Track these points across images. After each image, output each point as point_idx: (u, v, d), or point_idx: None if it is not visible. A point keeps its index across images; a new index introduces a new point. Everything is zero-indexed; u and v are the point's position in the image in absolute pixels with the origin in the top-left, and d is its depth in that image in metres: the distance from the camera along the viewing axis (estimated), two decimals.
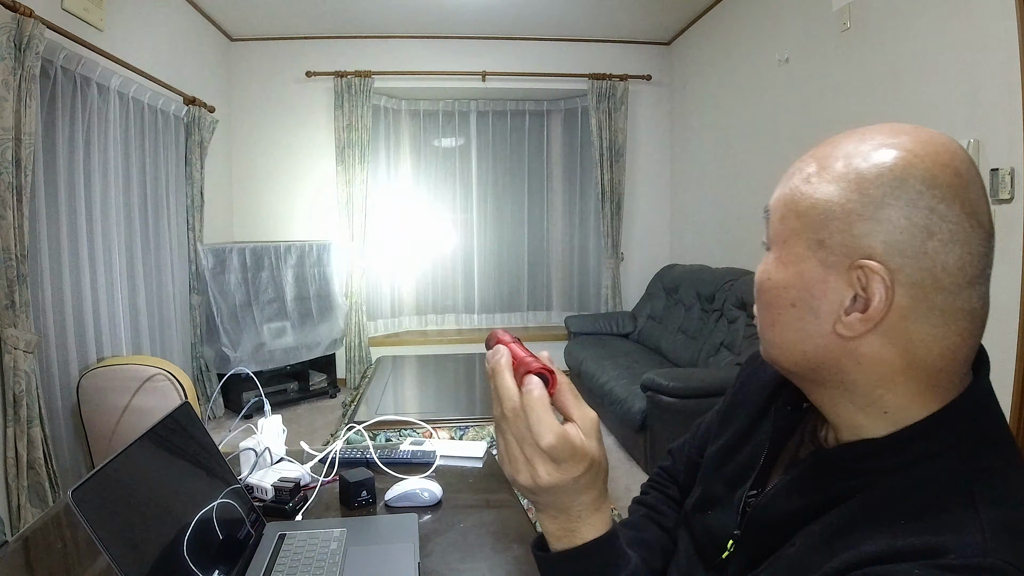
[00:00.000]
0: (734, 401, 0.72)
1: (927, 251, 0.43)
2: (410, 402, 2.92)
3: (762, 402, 0.66)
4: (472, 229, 4.88)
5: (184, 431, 0.92)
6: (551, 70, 4.46)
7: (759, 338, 0.56)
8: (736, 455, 0.65)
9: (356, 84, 4.23)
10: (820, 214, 0.47)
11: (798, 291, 0.49)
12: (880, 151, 0.47)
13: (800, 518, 0.51)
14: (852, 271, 0.46)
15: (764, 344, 0.55)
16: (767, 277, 0.52)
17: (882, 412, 0.48)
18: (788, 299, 0.50)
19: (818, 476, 0.52)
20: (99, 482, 0.69)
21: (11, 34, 2.03)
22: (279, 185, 4.43)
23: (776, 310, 0.51)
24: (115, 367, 2.40)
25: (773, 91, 3.24)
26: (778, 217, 0.52)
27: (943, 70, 2.12)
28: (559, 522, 0.51)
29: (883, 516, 0.44)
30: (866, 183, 0.45)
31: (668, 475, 0.85)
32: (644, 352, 3.79)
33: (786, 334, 0.51)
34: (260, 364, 3.67)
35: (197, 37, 3.80)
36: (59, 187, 2.41)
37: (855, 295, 0.46)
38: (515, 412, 0.48)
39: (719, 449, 0.68)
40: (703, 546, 0.64)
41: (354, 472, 1.12)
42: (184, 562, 0.75)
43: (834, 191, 0.47)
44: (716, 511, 0.63)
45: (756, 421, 0.65)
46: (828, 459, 0.52)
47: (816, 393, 0.52)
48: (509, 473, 0.50)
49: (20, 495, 2.09)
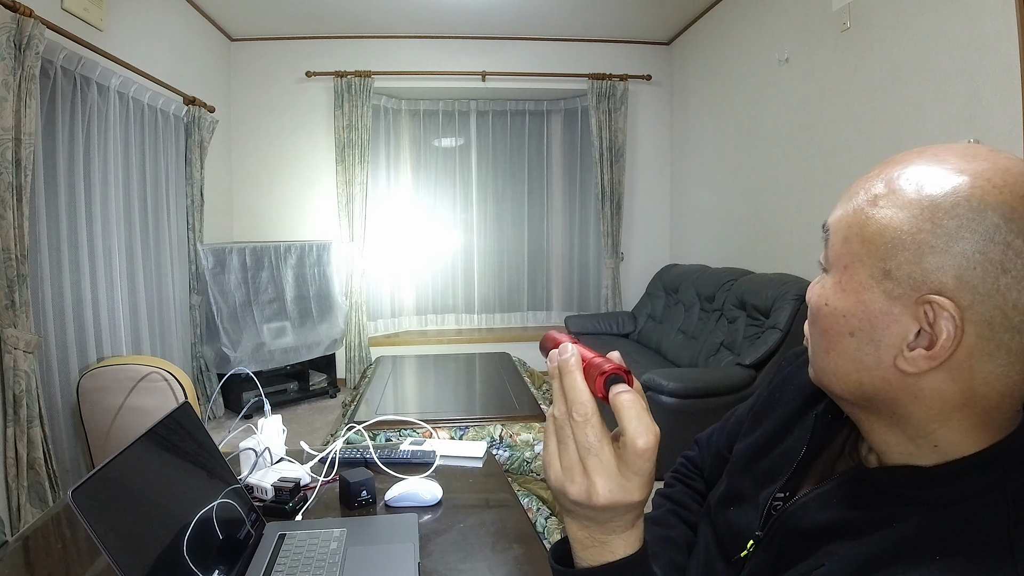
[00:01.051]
0: (770, 398, 0.70)
1: (999, 288, 0.41)
2: (410, 402, 2.91)
3: (798, 404, 0.64)
4: (472, 229, 4.88)
5: (184, 431, 0.92)
6: (551, 70, 4.46)
7: (810, 361, 0.54)
8: (766, 454, 0.64)
9: (356, 84, 4.23)
10: (888, 242, 0.44)
11: (859, 320, 0.46)
12: (956, 178, 0.43)
13: (829, 533, 0.50)
14: (919, 305, 0.43)
15: (816, 369, 0.52)
16: (825, 302, 0.49)
17: (932, 445, 0.46)
18: (847, 328, 0.47)
19: (856, 495, 0.51)
20: (99, 482, 0.69)
21: (11, 34, 2.03)
22: (279, 185, 4.43)
23: (833, 337, 0.49)
24: (115, 367, 2.40)
25: (773, 91, 3.24)
26: (840, 239, 0.48)
27: (943, 70, 2.12)
28: (590, 531, 0.48)
29: (920, 551, 0.43)
30: (940, 213, 0.42)
31: (693, 466, 0.84)
32: (644, 352, 3.79)
33: (841, 362, 0.48)
34: (260, 364, 3.67)
35: (197, 37, 3.80)
36: (59, 187, 2.41)
37: (919, 330, 0.43)
38: (585, 417, 0.45)
39: (749, 446, 0.67)
40: (723, 540, 0.64)
41: (354, 472, 1.12)
42: (184, 562, 0.75)
43: (904, 218, 0.44)
44: (740, 508, 0.63)
45: (790, 423, 0.64)
46: (870, 480, 0.50)
47: (864, 419, 0.50)
48: (558, 483, 0.47)
49: (20, 495, 2.09)
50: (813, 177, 2.93)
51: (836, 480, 0.53)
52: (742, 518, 0.61)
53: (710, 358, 3.15)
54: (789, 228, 3.15)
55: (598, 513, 0.46)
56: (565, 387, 0.47)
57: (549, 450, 0.48)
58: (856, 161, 2.60)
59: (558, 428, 0.47)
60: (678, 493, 0.81)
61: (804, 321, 0.55)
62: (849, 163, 2.65)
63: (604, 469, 0.45)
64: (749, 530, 0.59)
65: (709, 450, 0.82)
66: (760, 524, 0.58)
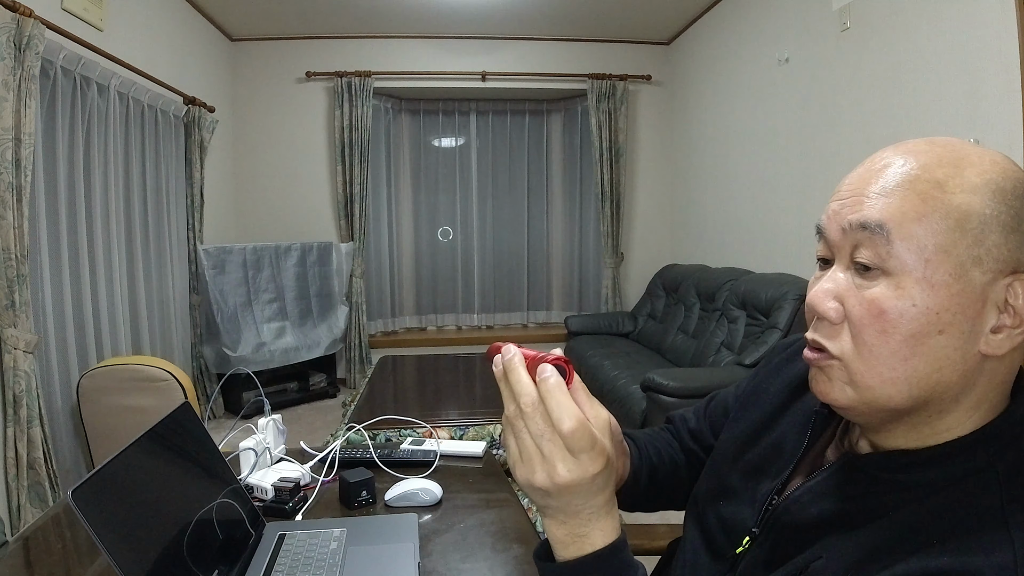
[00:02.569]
0: (755, 390, 0.70)
1: None
2: (410, 402, 2.91)
3: (784, 396, 0.64)
4: (472, 229, 4.88)
5: (184, 431, 0.92)
6: (551, 70, 4.46)
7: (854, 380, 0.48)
8: (752, 446, 0.64)
9: (356, 84, 4.23)
10: (975, 227, 0.44)
11: (953, 315, 0.44)
12: (1001, 161, 0.46)
13: (825, 525, 0.50)
14: (1006, 286, 0.44)
15: (875, 383, 0.47)
16: (910, 304, 0.44)
17: (939, 430, 0.47)
18: (939, 325, 0.44)
19: (847, 483, 0.51)
20: (99, 482, 0.69)
21: (11, 34, 2.03)
22: (279, 185, 4.43)
23: (920, 340, 0.45)
24: (115, 367, 2.40)
25: (773, 91, 3.24)
26: (908, 233, 0.45)
27: (943, 70, 2.12)
28: (568, 527, 0.50)
29: (918, 537, 0.44)
30: (1007, 195, 0.44)
31: (671, 436, 0.84)
32: (644, 352, 3.79)
33: (922, 366, 0.45)
34: (260, 364, 3.67)
35: (197, 37, 3.80)
36: (59, 187, 2.41)
37: (999, 311, 0.44)
38: (533, 406, 0.47)
39: (735, 438, 0.67)
40: (713, 536, 0.63)
41: (354, 472, 1.11)
42: (184, 562, 0.75)
43: (980, 202, 0.44)
44: (731, 503, 0.62)
45: (775, 414, 0.64)
46: (860, 467, 0.50)
47: (888, 419, 0.49)
48: (524, 476, 0.48)
49: (20, 495, 2.09)
50: (813, 177, 2.93)
51: (827, 470, 0.53)
52: (734, 513, 0.61)
53: (710, 358, 3.15)
54: (789, 228, 3.15)
55: (568, 498, 0.48)
56: (511, 383, 0.49)
57: (511, 450, 0.50)
58: (856, 161, 2.59)
59: (512, 426, 0.49)
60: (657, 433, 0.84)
61: (804, 321, 0.54)
62: (849, 163, 2.62)
63: (559, 451, 0.47)
64: (744, 526, 0.59)
65: (685, 429, 0.82)
66: (756, 520, 0.58)
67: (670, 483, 0.78)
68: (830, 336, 0.49)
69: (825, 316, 0.49)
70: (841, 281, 0.49)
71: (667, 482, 0.77)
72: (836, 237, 0.50)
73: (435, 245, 4.88)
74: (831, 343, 0.49)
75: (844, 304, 0.48)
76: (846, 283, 0.48)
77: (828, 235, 0.51)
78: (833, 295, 0.49)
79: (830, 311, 0.48)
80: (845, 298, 0.48)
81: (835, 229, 0.50)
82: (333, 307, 4.22)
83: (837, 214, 0.50)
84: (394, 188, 4.75)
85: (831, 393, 0.49)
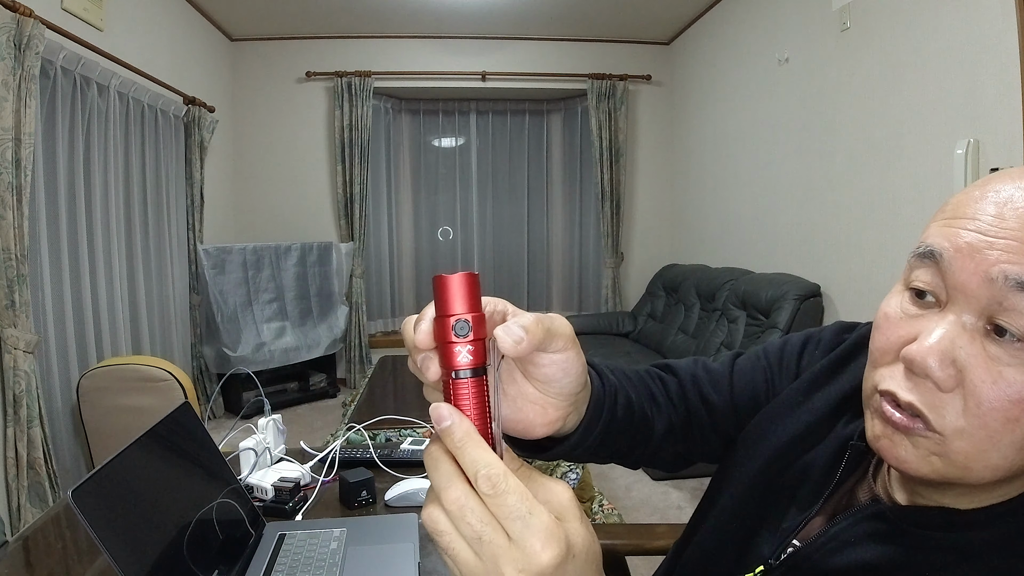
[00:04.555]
0: (799, 388, 0.60)
1: None
2: (410, 402, 2.91)
3: (823, 413, 0.57)
4: (472, 229, 4.88)
5: (184, 431, 0.92)
6: (551, 70, 4.46)
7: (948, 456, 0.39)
8: (781, 464, 0.57)
9: (356, 84, 4.23)
10: None
11: None
12: None
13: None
14: None
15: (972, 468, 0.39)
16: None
17: (987, 490, 0.41)
18: None
19: (880, 535, 0.45)
20: (99, 482, 0.69)
21: (11, 34, 2.03)
22: (279, 185, 4.43)
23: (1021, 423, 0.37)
24: (115, 367, 2.40)
25: (773, 91, 3.24)
26: None
27: (943, 70, 2.12)
28: None
29: None
30: None
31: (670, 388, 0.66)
32: (644, 352, 3.80)
33: (1010, 452, 0.38)
34: (260, 364, 3.67)
35: (197, 37, 3.80)
36: (59, 187, 2.41)
37: None
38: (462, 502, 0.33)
39: (760, 455, 0.59)
40: (723, 551, 0.59)
41: (354, 472, 1.12)
42: (184, 562, 0.75)
43: None
44: (750, 523, 0.57)
45: (809, 434, 0.56)
46: (898, 520, 0.45)
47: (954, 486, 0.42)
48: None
49: (20, 495, 2.09)
50: (813, 177, 2.93)
51: (856, 515, 0.48)
52: (751, 536, 0.56)
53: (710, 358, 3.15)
54: (789, 228, 3.15)
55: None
56: (462, 463, 0.34)
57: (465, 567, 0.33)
58: (856, 161, 2.60)
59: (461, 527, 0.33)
60: None
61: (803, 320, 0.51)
62: (849, 163, 2.65)
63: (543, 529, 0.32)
64: (759, 553, 0.54)
65: (697, 390, 0.65)
66: (774, 553, 0.52)
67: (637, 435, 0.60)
68: (934, 405, 0.39)
69: (936, 383, 0.38)
70: (965, 342, 0.38)
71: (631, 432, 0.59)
72: (971, 281, 0.38)
73: (435, 245, 4.88)
74: (935, 415, 0.39)
75: (964, 373, 0.38)
76: (971, 346, 0.38)
77: (955, 273, 0.39)
78: (952, 358, 0.38)
79: (947, 381, 0.38)
80: (969, 367, 0.38)
81: (973, 271, 0.38)
82: (333, 307, 4.22)
83: (981, 254, 0.38)
84: (394, 188, 4.75)
85: (910, 463, 0.41)
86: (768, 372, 0.65)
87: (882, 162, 2.44)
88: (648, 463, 0.64)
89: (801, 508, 0.53)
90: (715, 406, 0.64)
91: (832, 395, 0.57)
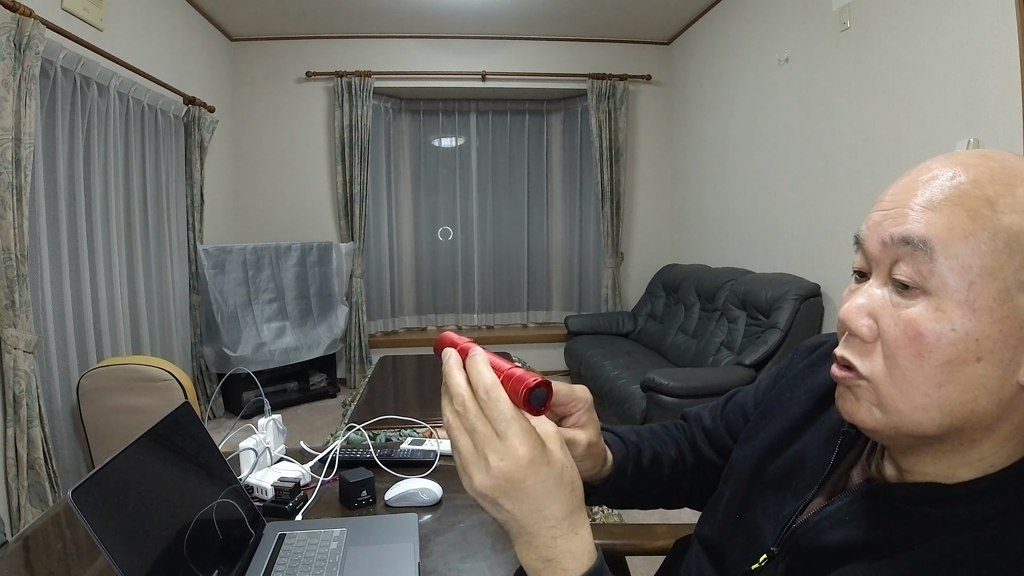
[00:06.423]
0: (780, 394, 0.66)
1: None
2: (410, 402, 2.91)
3: (809, 406, 0.61)
4: (472, 229, 4.88)
5: (184, 431, 0.92)
6: (551, 70, 4.46)
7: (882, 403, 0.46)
8: (774, 459, 0.61)
9: (356, 84, 4.23)
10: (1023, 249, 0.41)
11: (993, 342, 0.41)
12: None
13: (846, 552, 0.48)
14: None
15: (905, 409, 0.44)
16: (950, 328, 0.42)
17: (973, 462, 0.45)
18: (977, 352, 0.41)
19: (872, 512, 0.48)
20: (99, 482, 0.69)
21: (11, 34, 2.03)
22: (279, 185, 4.43)
23: (956, 367, 0.42)
24: (115, 367, 2.40)
25: (773, 91, 3.24)
26: (955, 252, 0.42)
27: (943, 70, 2.12)
28: (534, 550, 0.48)
29: (950, 573, 0.42)
30: None
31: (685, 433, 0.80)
32: (644, 352, 3.79)
33: (956, 394, 0.42)
34: (260, 364, 3.67)
35: (197, 37, 3.80)
36: (59, 187, 2.41)
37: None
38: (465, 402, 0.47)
39: (756, 449, 0.64)
40: (728, 548, 0.61)
41: (354, 472, 1.12)
42: (184, 562, 0.75)
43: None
44: (751, 516, 0.60)
45: (799, 426, 0.61)
46: (887, 497, 0.48)
47: (919, 446, 0.47)
48: (467, 485, 0.47)
49: (20, 495, 2.09)
50: (813, 177, 2.93)
51: (850, 495, 0.51)
52: (753, 527, 0.59)
53: (710, 358, 3.15)
54: (789, 228, 3.15)
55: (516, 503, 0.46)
56: (449, 385, 0.48)
57: (463, 453, 0.47)
58: (856, 160, 2.60)
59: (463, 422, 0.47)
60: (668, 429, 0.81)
61: (804, 320, 0.53)
62: (849, 163, 2.65)
63: (490, 440, 0.46)
64: (762, 542, 0.56)
65: (700, 424, 0.79)
66: (776, 539, 0.55)
67: (668, 478, 0.75)
68: (861, 355, 0.46)
69: (857, 333, 0.46)
70: (877, 297, 0.46)
71: (663, 476, 0.74)
72: (875, 250, 0.46)
73: (435, 245, 4.88)
74: (861, 362, 0.46)
75: (878, 322, 0.45)
76: (882, 300, 0.45)
77: (867, 247, 0.47)
78: (867, 312, 0.46)
79: (863, 329, 0.46)
80: (880, 316, 0.45)
81: (875, 241, 0.46)
82: (333, 307, 4.22)
83: (879, 225, 0.46)
84: (394, 188, 4.75)
85: (857, 414, 0.47)
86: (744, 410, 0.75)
87: (882, 162, 2.44)
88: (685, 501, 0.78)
89: (798, 495, 0.56)
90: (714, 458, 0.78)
91: (815, 385, 0.63)
